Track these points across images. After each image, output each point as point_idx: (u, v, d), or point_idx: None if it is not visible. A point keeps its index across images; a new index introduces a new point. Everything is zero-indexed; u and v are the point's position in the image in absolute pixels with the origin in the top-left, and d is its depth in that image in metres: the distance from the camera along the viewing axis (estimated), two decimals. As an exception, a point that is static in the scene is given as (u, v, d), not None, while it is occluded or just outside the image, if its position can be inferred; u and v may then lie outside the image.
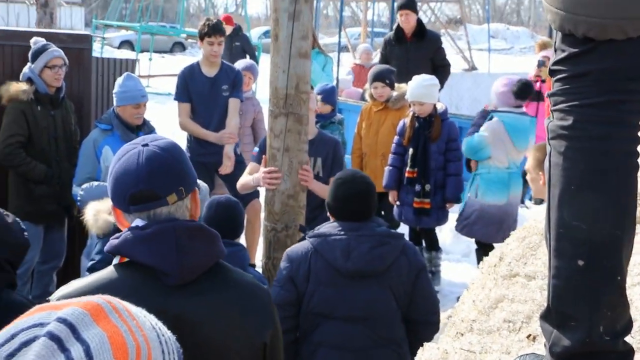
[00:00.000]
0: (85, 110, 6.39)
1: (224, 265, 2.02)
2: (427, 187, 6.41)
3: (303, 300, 3.49)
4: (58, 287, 6.10)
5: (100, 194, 4.66)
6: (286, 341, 3.51)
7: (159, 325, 1.12)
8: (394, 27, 8.98)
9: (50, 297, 1.97)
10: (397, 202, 6.60)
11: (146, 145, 1.94)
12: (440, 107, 6.52)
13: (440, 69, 8.48)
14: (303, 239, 3.69)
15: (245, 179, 4.92)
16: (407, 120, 6.50)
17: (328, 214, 3.69)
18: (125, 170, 1.91)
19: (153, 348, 1.06)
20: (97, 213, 4.02)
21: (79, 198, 4.91)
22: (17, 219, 3.20)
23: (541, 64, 8.75)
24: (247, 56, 10.85)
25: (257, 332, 1.97)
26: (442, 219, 6.63)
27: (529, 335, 1.95)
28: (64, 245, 6.02)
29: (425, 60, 8.49)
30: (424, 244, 6.93)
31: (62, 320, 1.01)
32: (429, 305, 3.46)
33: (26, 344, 0.99)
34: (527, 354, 1.83)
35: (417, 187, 6.42)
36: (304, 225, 4.49)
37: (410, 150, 6.42)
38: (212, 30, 6.19)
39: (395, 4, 10.73)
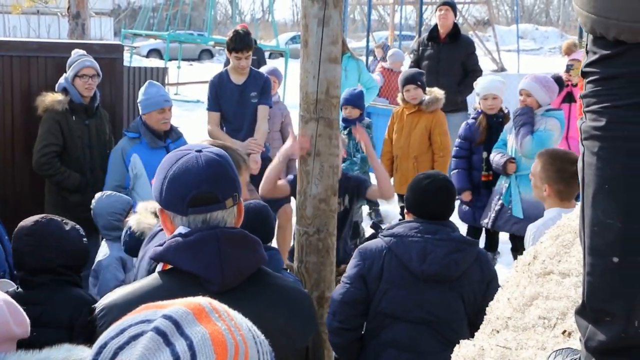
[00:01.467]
0: (118, 118, 6.48)
1: (265, 271, 2.03)
2: None
3: (373, 300, 3.46)
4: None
5: (109, 204, 4.71)
6: (352, 339, 3.53)
7: (254, 328, 1.20)
8: (430, 27, 9.04)
9: (95, 305, 2.02)
10: (465, 206, 6.60)
11: (200, 151, 1.95)
12: (504, 108, 6.57)
13: (471, 74, 8.49)
14: (375, 236, 3.67)
15: (270, 167, 4.92)
16: (478, 122, 6.49)
17: (405, 211, 3.67)
18: (185, 172, 1.91)
19: (250, 347, 1.12)
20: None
21: (91, 207, 4.88)
22: (77, 226, 3.33)
23: (569, 67, 8.71)
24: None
25: (300, 336, 1.97)
26: None
27: (564, 332, 1.96)
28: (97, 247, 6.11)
29: (457, 63, 8.52)
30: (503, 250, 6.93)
31: (168, 317, 1.08)
32: None
33: (134, 338, 1.07)
34: (562, 349, 1.85)
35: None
36: (377, 223, 4.52)
37: (484, 154, 6.43)
38: (240, 45, 6.20)
39: (424, 6, 10.72)
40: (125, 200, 4.79)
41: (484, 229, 6.84)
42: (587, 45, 1.72)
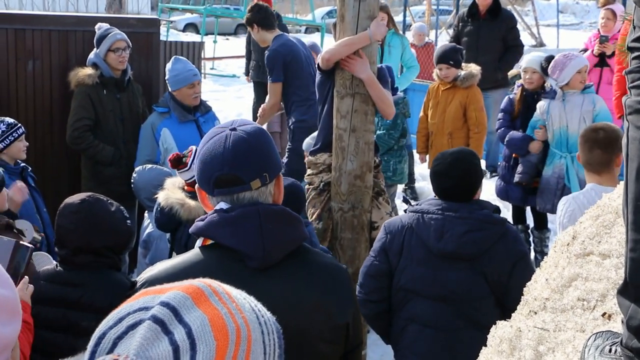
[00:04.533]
0: (154, 93, 6.50)
1: (305, 247, 2.04)
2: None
3: (394, 275, 3.48)
4: (130, 267, 6.22)
5: (153, 177, 4.78)
6: (379, 310, 3.55)
7: (259, 306, 1.15)
8: (470, 3, 8.92)
9: (137, 279, 2.03)
10: (502, 182, 6.50)
11: (234, 129, 1.94)
12: (547, 85, 6.39)
13: (512, 49, 8.35)
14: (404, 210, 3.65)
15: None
16: (516, 96, 6.43)
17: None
18: (212, 153, 1.92)
19: (253, 330, 1.08)
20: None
21: (132, 181, 4.99)
22: (121, 207, 3.32)
23: (604, 39, 8.45)
24: None
25: (339, 312, 1.98)
26: None
27: (604, 314, 1.92)
28: (134, 226, 6.15)
29: (497, 40, 8.40)
30: (531, 224, 6.75)
31: (165, 304, 1.05)
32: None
33: (132, 327, 1.04)
34: (602, 332, 1.81)
35: None
36: (407, 197, 4.48)
37: (520, 132, 6.32)
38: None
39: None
40: (167, 172, 4.87)
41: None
42: (634, 20, 1.67)
